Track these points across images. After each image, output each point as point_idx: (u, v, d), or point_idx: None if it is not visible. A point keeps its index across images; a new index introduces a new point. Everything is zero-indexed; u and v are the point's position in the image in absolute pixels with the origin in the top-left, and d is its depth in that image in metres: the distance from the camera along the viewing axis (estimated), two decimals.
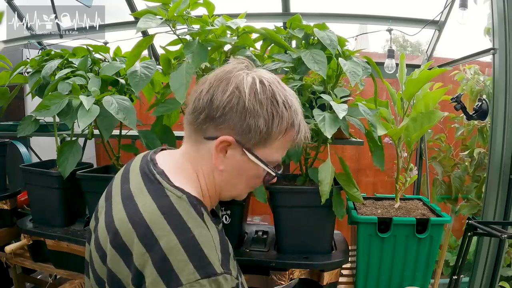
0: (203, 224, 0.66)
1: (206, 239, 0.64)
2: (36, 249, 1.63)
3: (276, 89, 0.69)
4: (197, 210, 0.67)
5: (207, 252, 0.62)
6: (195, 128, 0.71)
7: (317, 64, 1.17)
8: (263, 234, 1.49)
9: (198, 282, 0.59)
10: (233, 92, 0.67)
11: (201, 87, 0.71)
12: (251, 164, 0.72)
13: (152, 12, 1.16)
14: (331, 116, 1.14)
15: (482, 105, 1.68)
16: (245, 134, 0.69)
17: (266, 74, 0.71)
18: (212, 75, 0.71)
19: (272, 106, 0.68)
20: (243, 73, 0.69)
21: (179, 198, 0.67)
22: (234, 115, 0.67)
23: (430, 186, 2.39)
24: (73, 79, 1.33)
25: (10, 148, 2.05)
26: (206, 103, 0.68)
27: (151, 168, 0.73)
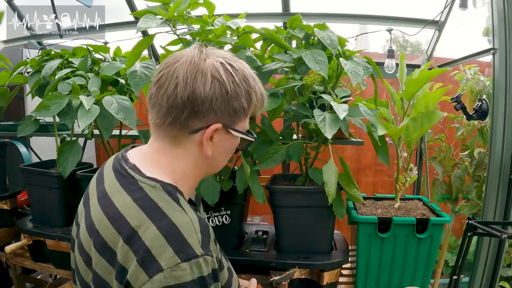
0: (180, 209, 0.66)
1: (184, 222, 0.64)
2: (36, 249, 1.63)
3: (242, 66, 0.72)
4: (172, 196, 0.68)
5: (186, 235, 0.62)
6: (176, 127, 0.70)
7: (318, 64, 1.17)
8: (263, 234, 1.49)
9: (179, 265, 0.59)
10: (212, 82, 0.67)
11: (167, 85, 0.68)
12: (234, 139, 0.75)
13: (152, 12, 1.16)
14: (331, 117, 1.14)
15: (482, 105, 1.68)
16: (231, 117, 0.71)
17: (225, 54, 0.72)
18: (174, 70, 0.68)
19: (246, 85, 0.70)
20: (208, 60, 0.68)
21: (152, 187, 0.68)
22: (220, 103, 0.68)
23: (430, 186, 2.39)
24: (73, 79, 1.34)
25: (10, 148, 2.05)
26: (187, 99, 0.67)
27: (122, 164, 0.73)
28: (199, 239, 0.64)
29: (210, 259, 0.63)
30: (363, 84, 1.22)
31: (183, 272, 0.60)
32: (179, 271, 0.59)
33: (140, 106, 1.68)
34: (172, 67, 0.68)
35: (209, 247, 0.65)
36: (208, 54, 0.70)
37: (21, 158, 2.30)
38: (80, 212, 0.78)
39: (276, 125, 1.39)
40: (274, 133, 1.36)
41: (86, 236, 0.70)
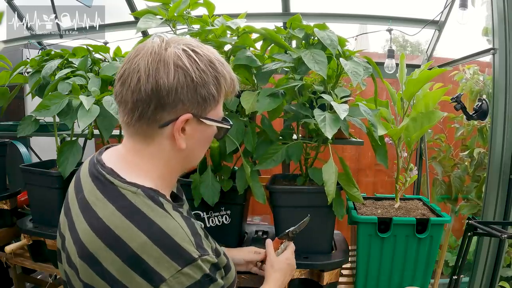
0: (165, 213, 0.65)
1: (174, 228, 0.63)
2: (36, 249, 1.63)
3: (207, 51, 0.68)
4: (155, 201, 0.66)
5: (179, 240, 0.62)
6: (144, 123, 0.67)
7: (317, 64, 1.17)
8: (263, 234, 1.49)
9: (180, 272, 0.59)
10: (176, 70, 0.64)
11: (129, 79, 0.65)
12: (208, 129, 0.73)
13: (152, 12, 1.16)
14: (331, 116, 1.14)
15: (482, 105, 1.68)
16: (201, 105, 0.68)
17: (189, 41, 0.69)
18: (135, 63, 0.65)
19: (213, 70, 0.67)
20: (169, 48, 0.65)
21: (134, 194, 0.65)
22: (186, 92, 0.65)
23: (430, 186, 2.39)
24: (73, 79, 1.34)
25: (10, 148, 2.05)
26: (151, 93, 0.64)
27: (99, 170, 0.70)
28: (193, 242, 0.63)
29: (207, 257, 0.64)
30: (363, 84, 1.21)
31: (187, 276, 0.60)
32: (182, 277, 0.60)
33: None
34: (133, 60, 0.66)
35: (203, 246, 0.65)
36: (169, 42, 0.67)
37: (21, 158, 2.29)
38: (63, 222, 0.76)
39: (276, 125, 1.39)
40: (274, 133, 1.36)
41: (72, 248, 0.67)
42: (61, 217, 0.78)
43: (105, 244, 0.62)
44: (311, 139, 1.37)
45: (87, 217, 0.66)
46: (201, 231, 0.70)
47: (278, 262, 1.02)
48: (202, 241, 0.66)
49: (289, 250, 1.07)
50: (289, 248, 1.08)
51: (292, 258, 1.07)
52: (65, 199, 0.80)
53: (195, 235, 0.65)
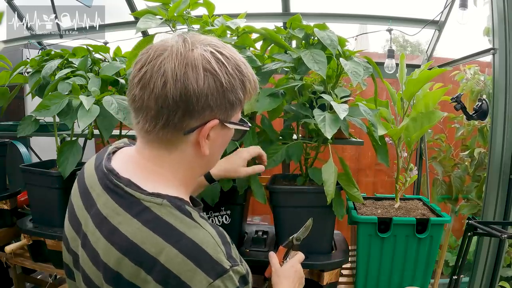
0: (194, 223, 0.61)
1: (205, 238, 0.60)
2: (36, 249, 1.63)
3: (231, 53, 0.65)
4: (183, 211, 0.62)
5: (210, 251, 0.58)
6: (169, 131, 0.63)
7: (317, 64, 1.17)
8: (263, 234, 1.49)
9: (212, 285, 0.56)
10: (205, 75, 0.60)
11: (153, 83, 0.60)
12: (229, 131, 0.70)
13: (152, 12, 1.16)
14: (331, 117, 1.14)
15: (482, 105, 1.68)
16: (228, 110, 0.65)
17: (211, 40, 0.65)
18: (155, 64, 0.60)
19: (239, 74, 0.64)
20: (198, 50, 0.61)
21: (160, 206, 0.61)
22: (216, 98, 0.62)
23: (430, 186, 2.39)
24: (73, 79, 1.34)
25: (10, 148, 2.05)
26: (179, 99, 0.59)
27: (115, 182, 0.65)
28: (224, 252, 0.60)
29: (237, 267, 0.60)
30: (363, 84, 1.22)
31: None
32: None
33: None
34: (155, 61, 0.61)
35: (232, 255, 0.62)
36: (194, 43, 0.62)
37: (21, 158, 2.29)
38: (72, 238, 0.71)
39: (276, 125, 1.39)
40: (274, 133, 1.36)
41: (93, 270, 0.63)
42: (69, 232, 0.73)
43: (132, 262, 0.58)
44: (311, 139, 1.37)
45: (106, 233, 0.62)
46: (229, 239, 0.66)
47: (283, 270, 0.98)
48: (232, 250, 0.63)
49: (295, 258, 1.02)
50: (296, 256, 1.03)
51: (298, 265, 1.00)
52: (70, 210, 0.74)
53: (225, 244, 0.62)
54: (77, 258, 0.69)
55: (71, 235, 0.72)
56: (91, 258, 0.64)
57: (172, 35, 0.65)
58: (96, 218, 0.65)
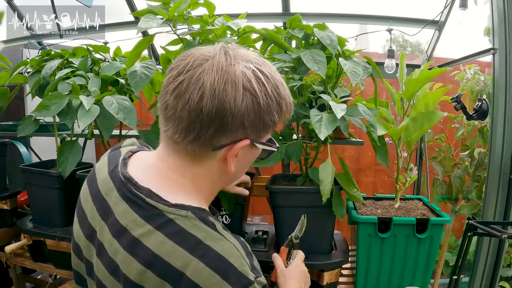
0: (219, 236, 0.60)
1: (230, 251, 0.59)
2: (36, 249, 1.63)
3: (271, 71, 0.63)
4: (207, 223, 0.61)
5: (236, 264, 0.58)
6: (199, 145, 0.61)
7: (316, 64, 1.17)
8: (263, 234, 1.49)
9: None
10: (244, 94, 0.58)
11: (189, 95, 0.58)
12: (256, 151, 0.68)
13: (153, 11, 1.16)
14: (329, 117, 1.14)
15: (482, 105, 1.68)
16: (260, 131, 0.63)
17: (253, 57, 0.63)
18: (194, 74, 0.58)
19: (278, 95, 0.62)
20: (239, 67, 0.59)
21: (185, 218, 0.59)
22: (251, 118, 0.60)
23: (430, 186, 2.39)
24: (73, 79, 1.34)
25: (10, 148, 2.05)
26: (214, 115, 0.58)
27: (134, 192, 0.63)
28: (248, 263, 0.60)
29: (261, 278, 0.60)
30: (362, 83, 1.21)
31: None
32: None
33: (140, 106, 1.68)
34: (195, 71, 0.58)
35: (255, 266, 0.61)
36: (235, 57, 0.60)
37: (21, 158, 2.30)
38: (85, 246, 0.69)
39: None
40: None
41: (111, 280, 0.62)
42: (81, 239, 0.70)
43: (157, 275, 0.57)
44: (311, 139, 1.37)
45: (126, 244, 0.60)
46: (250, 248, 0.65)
47: (289, 271, 0.97)
48: (254, 261, 0.62)
49: (297, 258, 1.02)
50: (298, 256, 1.03)
51: (302, 265, 1.00)
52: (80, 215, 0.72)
53: (248, 255, 0.62)
54: (91, 267, 0.68)
55: (84, 243, 0.70)
56: (108, 268, 0.62)
57: (213, 46, 0.63)
58: (114, 227, 0.63)
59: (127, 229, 0.61)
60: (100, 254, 0.64)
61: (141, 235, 0.59)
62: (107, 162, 0.73)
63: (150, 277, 0.57)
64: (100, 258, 0.64)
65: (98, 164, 0.75)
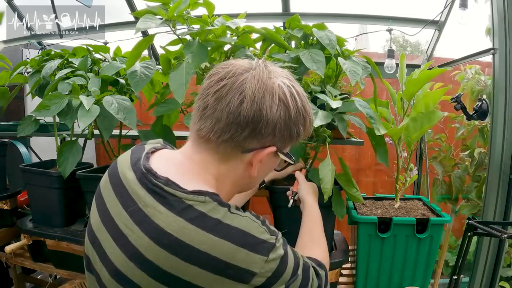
0: (235, 215, 0.64)
1: (248, 224, 0.64)
2: (36, 249, 1.63)
3: (302, 91, 0.71)
4: (223, 204, 0.64)
5: (257, 234, 0.64)
6: (231, 145, 0.66)
7: (315, 63, 1.17)
8: None
9: (267, 261, 0.63)
10: (279, 105, 0.65)
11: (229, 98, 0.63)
12: (277, 160, 0.75)
13: (152, 12, 1.16)
14: (324, 113, 1.15)
15: (482, 105, 1.68)
16: (286, 141, 0.70)
17: (287, 74, 0.71)
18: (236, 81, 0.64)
19: (305, 111, 0.70)
20: (276, 80, 0.66)
21: (203, 203, 0.62)
22: (282, 127, 0.67)
23: (430, 186, 2.39)
24: (73, 79, 1.34)
25: (10, 148, 2.05)
26: (252, 119, 0.63)
27: (153, 181, 0.65)
28: (266, 230, 0.66)
29: (279, 237, 0.67)
30: (361, 83, 1.21)
31: (273, 262, 0.64)
32: (270, 264, 0.63)
33: (140, 106, 1.69)
34: (237, 78, 0.64)
35: (272, 228, 0.68)
36: (272, 72, 0.67)
37: (21, 158, 2.30)
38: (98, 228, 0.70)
39: None
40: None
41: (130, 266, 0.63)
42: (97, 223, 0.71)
43: (183, 259, 0.59)
44: (310, 139, 1.37)
45: (149, 231, 0.62)
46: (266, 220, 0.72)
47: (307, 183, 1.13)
48: (269, 225, 0.68)
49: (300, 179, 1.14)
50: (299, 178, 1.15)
51: None
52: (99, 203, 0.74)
53: (263, 222, 0.67)
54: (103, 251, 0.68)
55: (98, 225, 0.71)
56: (128, 254, 0.63)
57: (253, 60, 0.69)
58: (137, 216, 0.64)
59: (149, 216, 0.63)
60: (117, 241, 0.66)
61: (162, 221, 0.61)
62: (130, 156, 0.76)
63: (177, 262, 0.59)
64: (118, 244, 0.65)
65: (121, 157, 0.78)
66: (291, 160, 0.76)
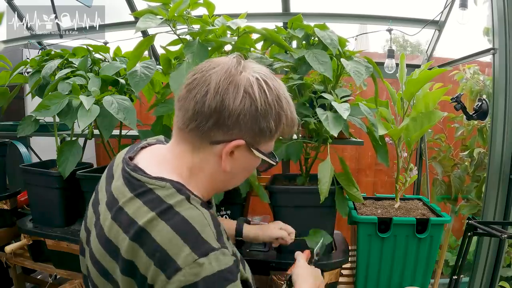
0: (191, 205, 0.65)
1: (198, 218, 0.63)
2: (36, 249, 1.63)
3: (277, 85, 0.69)
4: (182, 193, 0.66)
5: (200, 229, 0.62)
6: (198, 134, 0.68)
7: (321, 65, 1.17)
8: None
9: (197, 262, 0.58)
10: (244, 97, 0.65)
11: (197, 90, 0.66)
12: (255, 159, 0.73)
13: (153, 12, 1.16)
14: (333, 115, 1.14)
15: (482, 105, 1.68)
16: (256, 136, 0.69)
17: (262, 69, 0.70)
18: (205, 74, 0.67)
19: (278, 106, 0.68)
20: (244, 72, 0.67)
21: (163, 188, 0.66)
22: (247, 119, 0.66)
23: (430, 186, 2.39)
24: (73, 79, 1.34)
25: (10, 148, 2.05)
26: (214, 109, 0.65)
27: (125, 168, 0.72)
28: (214, 232, 0.63)
29: (227, 252, 0.63)
30: (364, 84, 1.21)
31: (202, 268, 0.59)
32: (198, 267, 0.58)
33: (140, 106, 1.68)
34: (206, 72, 0.67)
35: (223, 240, 0.65)
36: (245, 67, 0.68)
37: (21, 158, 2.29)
38: (90, 216, 0.77)
39: None
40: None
41: (97, 246, 0.68)
42: (89, 210, 0.79)
43: (130, 238, 0.62)
44: (311, 139, 1.37)
45: (113, 213, 0.67)
46: (225, 233, 0.69)
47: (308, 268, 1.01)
48: (224, 238, 0.66)
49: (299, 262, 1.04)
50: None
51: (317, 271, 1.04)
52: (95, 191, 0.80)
53: (216, 227, 0.65)
54: (89, 235, 0.74)
55: (90, 213, 0.78)
56: (98, 234, 0.69)
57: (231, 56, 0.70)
58: (109, 199, 0.71)
59: (117, 199, 0.69)
60: (96, 224, 0.72)
61: (124, 203, 0.67)
62: (127, 149, 0.82)
63: (125, 240, 0.63)
64: (95, 227, 0.72)
65: (120, 152, 0.85)
66: (271, 160, 0.74)
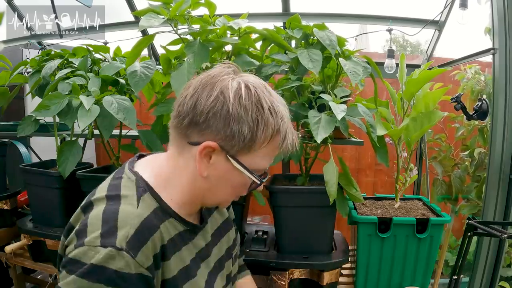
0: (135, 203, 0.68)
1: (127, 214, 0.65)
2: (36, 249, 1.63)
3: (262, 94, 0.67)
4: (139, 191, 0.70)
5: (120, 225, 0.63)
6: (179, 133, 0.71)
7: (312, 62, 1.17)
8: (263, 234, 1.49)
9: (95, 248, 0.60)
10: (217, 97, 0.65)
11: (185, 91, 0.70)
12: (236, 172, 0.70)
13: (154, 11, 1.16)
14: (327, 118, 1.14)
15: (482, 105, 1.68)
16: (229, 140, 0.67)
17: (253, 79, 0.69)
18: (197, 79, 0.70)
19: (257, 112, 0.66)
20: (228, 77, 0.67)
21: (129, 179, 0.72)
22: (218, 120, 0.65)
23: (430, 186, 2.39)
24: (73, 79, 1.33)
25: (10, 148, 2.05)
26: (190, 108, 0.67)
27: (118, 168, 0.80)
28: (129, 235, 0.62)
29: (129, 258, 0.60)
30: (360, 84, 1.22)
31: (93, 254, 0.60)
32: (92, 252, 0.60)
33: (140, 106, 1.68)
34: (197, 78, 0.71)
35: (137, 249, 0.62)
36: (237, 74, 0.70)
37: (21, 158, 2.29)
38: None
39: None
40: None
41: None
42: None
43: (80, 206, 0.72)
44: (311, 139, 1.37)
45: None
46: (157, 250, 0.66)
47: None
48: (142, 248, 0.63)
49: None
50: None
51: None
52: None
53: (138, 234, 0.63)
54: None
55: None
56: None
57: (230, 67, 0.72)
58: None
59: None
60: None
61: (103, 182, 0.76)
62: None
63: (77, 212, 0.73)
64: None
65: None
66: (254, 178, 0.71)
